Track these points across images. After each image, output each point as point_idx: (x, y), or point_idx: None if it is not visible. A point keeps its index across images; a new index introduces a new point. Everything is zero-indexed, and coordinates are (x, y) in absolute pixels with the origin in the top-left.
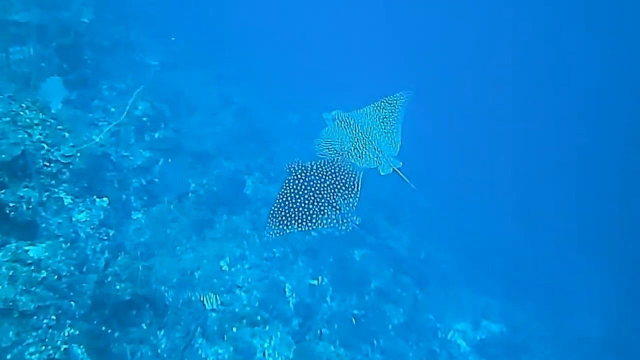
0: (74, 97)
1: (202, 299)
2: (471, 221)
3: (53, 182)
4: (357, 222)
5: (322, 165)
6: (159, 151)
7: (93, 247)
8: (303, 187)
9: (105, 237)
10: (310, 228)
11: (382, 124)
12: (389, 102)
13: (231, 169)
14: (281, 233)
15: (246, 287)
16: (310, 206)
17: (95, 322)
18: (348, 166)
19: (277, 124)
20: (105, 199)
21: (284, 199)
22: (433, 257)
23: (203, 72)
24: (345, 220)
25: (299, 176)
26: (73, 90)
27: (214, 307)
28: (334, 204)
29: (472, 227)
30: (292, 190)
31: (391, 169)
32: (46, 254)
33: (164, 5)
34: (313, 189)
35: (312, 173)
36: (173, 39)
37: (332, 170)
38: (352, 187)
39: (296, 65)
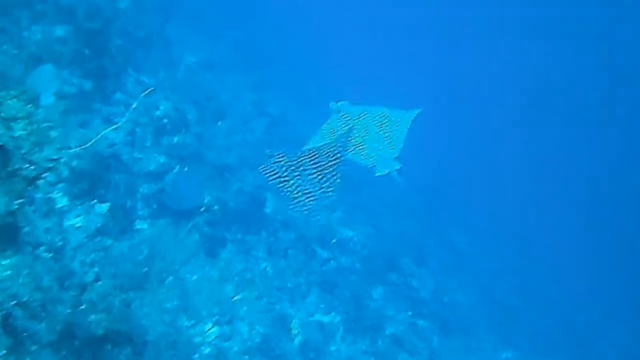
0: (87, 88)
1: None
2: (503, 260)
3: (30, 187)
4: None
5: (302, 155)
6: (175, 157)
7: (83, 258)
8: (282, 170)
9: (99, 248)
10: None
11: (386, 123)
12: (394, 117)
13: (254, 183)
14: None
15: (249, 319)
16: (287, 186)
17: (63, 353)
18: (334, 158)
19: (311, 137)
20: (106, 204)
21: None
22: (457, 302)
23: (242, 76)
24: (317, 210)
25: (279, 160)
26: (89, 80)
27: (209, 339)
28: (310, 193)
29: (503, 267)
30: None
31: (387, 171)
32: (7, 272)
33: (217, 3)
34: (292, 174)
35: (293, 160)
36: None
37: (315, 160)
38: (331, 179)
39: (344, 77)
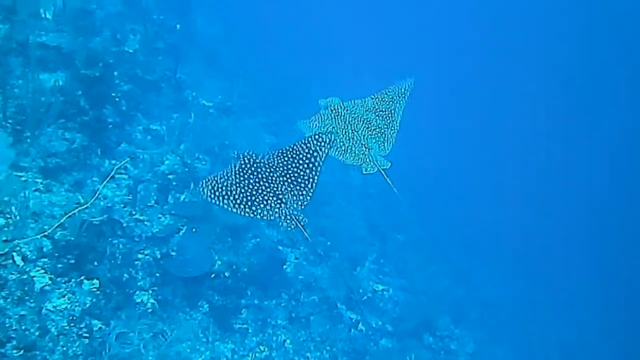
0: (82, 142)
1: None
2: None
3: None
4: (304, 222)
5: (275, 156)
6: (182, 218)
7: (64, 348)
8: (249, 173)
9: (85, 334)
10: (247, 214)
11: (377, 117)
12: (389, 93)
13: (272, 238)
14: (210, 199)
15: None
16: (253, 192)
17: None
18: (308, 161)
19: (334, 184)
20: (95, 280)
21: (227, 176)
22: None
23: (259, 117)
24: (290, 217)
25: (247, 161)
26: (84, 133)
27: None
28: (281, 197)
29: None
30: (236, 173)
31: (375, 169)
32: None
33: (232, 39)
34: (259, 177)
35: (262, 162)
36: (178, 26)
37: (286, 163)
38: (307, 183)
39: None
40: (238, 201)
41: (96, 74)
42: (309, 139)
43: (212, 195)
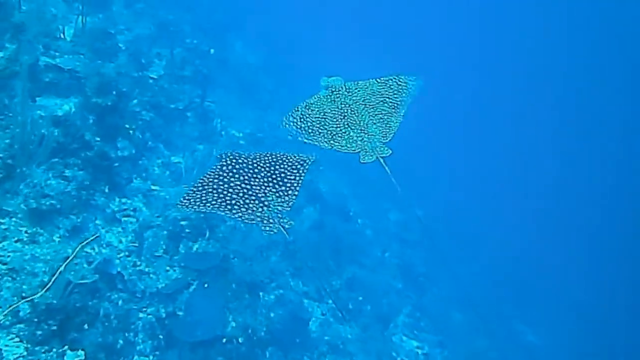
0: (84, 180)
1: None
2: None
3: None
4: (288, 227)
5: (259, 157)
6: (193, 271)
7: None
8: (231, 174)
9: None
10: (229, 216)
11: (382, 102)
12: (398, 82)
13: (297, 290)
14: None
15: None
16: (234, 195)
17: None
18: (293, 163)
19: (371, 224)
20: (80, 352)
21: (207, 180)
22: None
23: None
24: (271, 220)
25: (229, 163)
26: (83, 172)
27: None
28: (263, 200)
29: None
30: (217, 175)
31: (374, 157)
32: None
33: (270, 68)
34: (241, 178)
35: (244, 163)
36: (212, 51)
37: (270, 165)
38: (291, 186)
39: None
40: (218, 203)
41: (108, 102)
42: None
43: (198, 206)
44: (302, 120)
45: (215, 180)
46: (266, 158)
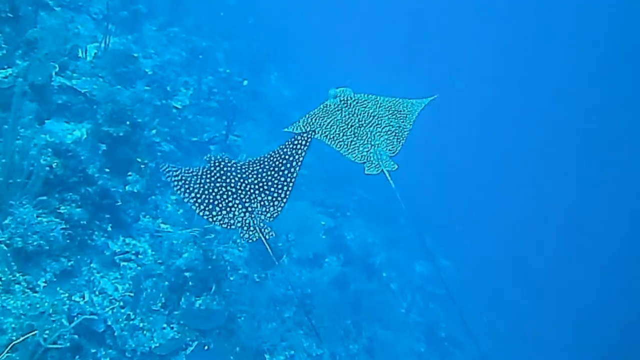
0: (80, 219)
1: None
2: None
3: None
4: (269, 237)
5: (250, 163)
6: (193, 330)
7: None
8: (216, 177)
9: None
10: (209, 219)
11: (390, 116)
12: (409, 102)
13: (310, 352)
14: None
15: None
16: (217, 197)
17: None
18: (284, 167)
19: (396, 277)
20: None
21: (194, 177)
22: None
23: (318, 194)
24: (253, 229)
25: (216, 165)
26: (81, 209)
27: None
28: (247, 206)
29: None
30: (203, 176)
31: (379, 170)
32: None
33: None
34: (227, 181)
35: (232, 167)
36: (245, 82)
37: (261, 170)
38: (279, 194)
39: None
40: (199, 201)
41: (120, 133)
42: (287, 143)
43: (177, 183)
44: (307, 126)
45: (203, 176)
46: (255, 164)
